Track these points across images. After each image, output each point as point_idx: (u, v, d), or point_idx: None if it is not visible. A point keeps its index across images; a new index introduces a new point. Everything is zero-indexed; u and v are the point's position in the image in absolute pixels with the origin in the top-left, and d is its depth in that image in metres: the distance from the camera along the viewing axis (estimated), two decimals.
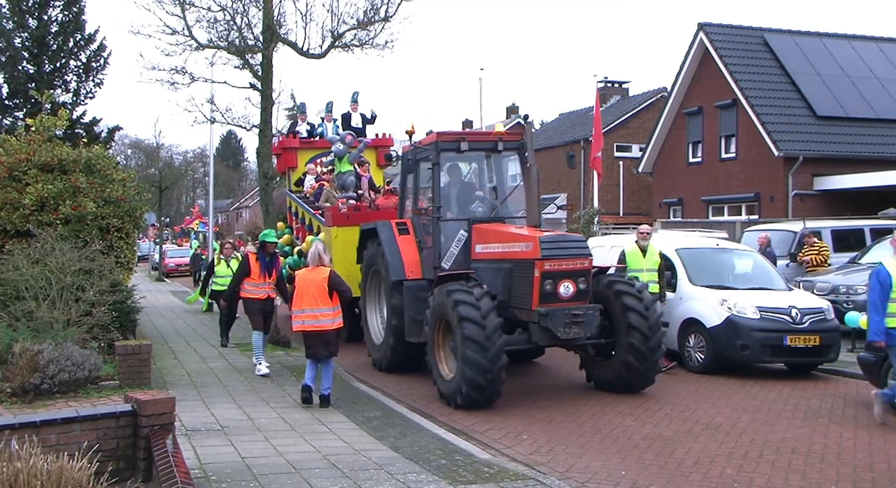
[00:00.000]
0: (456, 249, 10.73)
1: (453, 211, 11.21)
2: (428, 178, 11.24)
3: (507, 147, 11.20)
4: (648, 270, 11.80)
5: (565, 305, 9.33)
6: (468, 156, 11.51)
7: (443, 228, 10.84)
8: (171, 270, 39.18)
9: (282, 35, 14.33)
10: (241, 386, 10.48)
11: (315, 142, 17.96)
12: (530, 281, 9.35)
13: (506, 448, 7.75)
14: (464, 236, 10.71)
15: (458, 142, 10.83)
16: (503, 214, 11.21)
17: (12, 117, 24.54)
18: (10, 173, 12.67)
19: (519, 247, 9.66)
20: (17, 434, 5.61)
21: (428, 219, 11.14)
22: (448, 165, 11.39)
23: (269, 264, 11.43)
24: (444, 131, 11.16)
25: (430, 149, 10.84)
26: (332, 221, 13.89)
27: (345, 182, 15.09)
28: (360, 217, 13.68)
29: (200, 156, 71.85)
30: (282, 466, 6.65)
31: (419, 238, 11.34)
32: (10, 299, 10.58)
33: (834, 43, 27.54)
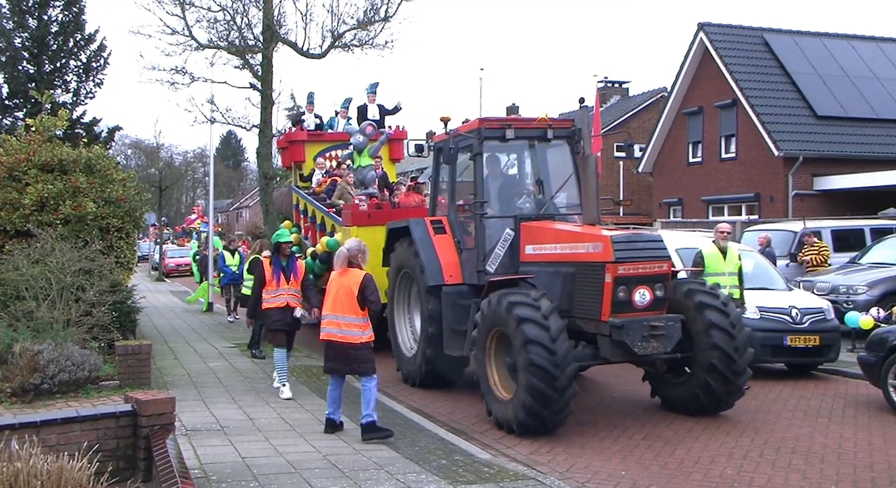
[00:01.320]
0: (501, 250, 9.59)
1: (497, 207, 10.02)
2: (467, 170, 10.15)
3: (557, 135, 10.00)
4: (730, 274, 10.47)
5: (641, 315, 8.18)
6: (512, 146, 10.25)
7: (486, 227, 9.70)
8: (171, 270, 39.17)
9: (282, 35, 14.32)
10: (241, 386, 10.48)
11: (324, 134, 16.98)
12: (599, 287, 8.20)
13: (506, 448, 7.75)
14: (510, 236, 9.55)
15: (503, 130, 9.66)
16: (551, 211, 10.04)
17: (12, 117, 24.57)
18: (10, 173, 12.67)
19: (585, 248, 8.49)
20: (17, 434, 5.61)
21: (468, 217, 10.07)
22: (491, 155, 10.26)
23: (287, 267, 10.05)
24: (487, 117, 9.91)
25: (472, 137, 9.71)
26: (352, 220, 12.83)
27: (365, 177, 14.03)
28: (382, 215, 12.70)
29: (200, 156, 71.92)
30: (282, 466, 6.65)
31: (458, 238, 10.15)
32: (10, 299, 10.58)
33: (834, 43, 27.55)
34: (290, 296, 10.00)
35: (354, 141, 13.97)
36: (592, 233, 8.59)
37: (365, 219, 12.79)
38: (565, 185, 10.17)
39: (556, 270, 8.80)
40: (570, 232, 9.03)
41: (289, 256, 10.21)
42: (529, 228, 9.45)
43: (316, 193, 15.80)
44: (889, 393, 9.05)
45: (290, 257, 10.24)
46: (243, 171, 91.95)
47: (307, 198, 15.75)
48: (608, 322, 8.11)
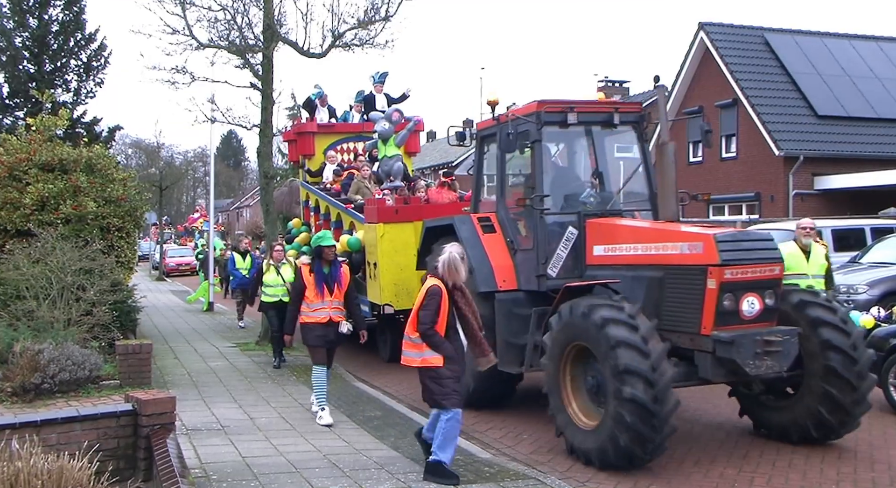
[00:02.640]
0: (564, 252, 8.38)
1: (557, 202, 8.82)
2: (521, 160, 9.13)
3: (624, 120, 8.88)
4: (815, 276, 9.40)
5: (750, 328, 6.93)
6: (573, 132, 9.05)
7: (547, 225, 8.49)
8: (172, 270, 39.20)
9: (282, 34, 14.32)
10: (241, 385, 10.48)
11: (335, 126, 15.96)
12: (699, 295, 6.95)
13: (506, 447, 7.75)
14: (573, 235, 8.37)
15: (565, 113, 8.50)
16: (618, 206, 8.93)
17: (13, 117, 24.57)
18: (11, 173, 12.69)
19: (678, 249, 7.24)
20: (18, 433, 5.62)
21: (521, 214, 8.94)
22: (552, 143, 9.15)
23: (330, 276, 8.60)
24: (546, 99, 8.65)
25: (529, 122, 8.46)
26: (378, 217, 11.58)
27: (391, 168, 12.82)
28: (411, 212, 11.62)
29: (201, 155, 71.87)
30: (282, 466, 6.65)
31: (510, 237, 8.95)
32: (10, 298, 10.60)
33: (834, 42, 27.55)
34: (334, 309, 8.60)
35: (380, 128, 12.82)
36: (689, 232, 7.39)
37: (392, 215, 11.65)
38: (632, 178, 9.09)
39: (637, 275, 7.55)
40: (658, 230, 7.75)
41: (331, 263, 8.70)
42: (598, 226, 8.27)
43: (328, 188, 14.82)
44: (889, 392, 9.04)
45: (333, 264, 8.71)
46: (244, 171, 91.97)
47: (319, 193, 14.74)
48: (711, 336, 6.86)
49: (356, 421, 8.59)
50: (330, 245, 8.72)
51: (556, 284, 8.08)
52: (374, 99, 15.61)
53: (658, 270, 7.41)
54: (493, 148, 9.39)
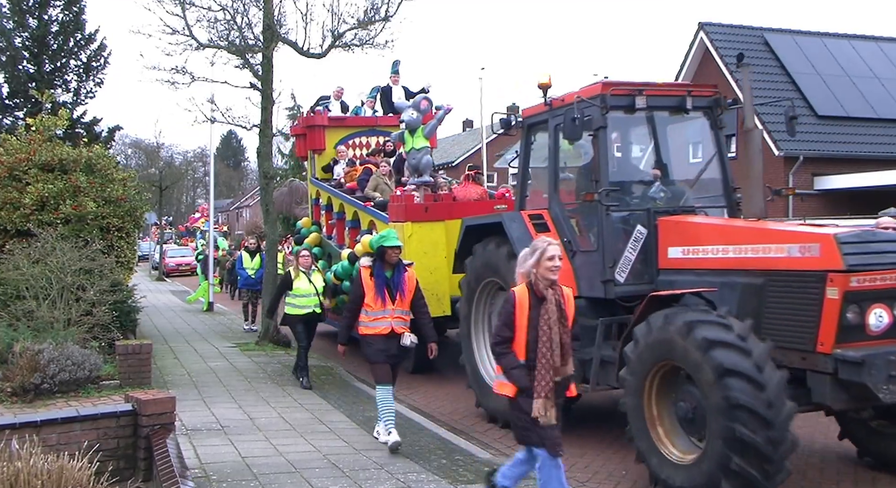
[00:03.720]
0: (632, 254, 7.40)
1: (623, 197, 7.87)
2: (579, 150, 8.22)
3: (697, 105, 7.95)
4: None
5: (880, 345, 5.84)
6: (639, 118, 8.08)
7: (614, 223, 7.51)
8: (172, 270, 39.21)
9: (282, 35, 14.31)
10: (241, 385, 10.48)
11: (347, 119, 15.18)
12: (815, 306, 5.93)
13: (506, 447, 7.75)
14: (642, 234, 7.43)
15: (633, 97, 7.56)
16: (690, 202, 7.99)
17: (12, 117, 24.57)
18: (11, 173, 12.69)
19: (786, 251, 6.20)
20: (18, 433, 5.62)
21: (577, 211, 8.04)
22: (618, 131, 8.12)
23: (393, 282, 7.53)
24: (611, 81, 7.73)
25: (593, 106, 7.47)
26: (405, 215, 10.77)
27: (419, 162, 11.66)
28: (441, 210, 10.90)
29: (201, 155, 71.88)
30: (282, 466, 6.65)
31: (566, 237, 7.95)
32: (10, 299, 10.59)
33: (834, 42, 27.55)
34: (397, 319, 7.51)
35: (407, 118, 11.66)
36: (802, 231, 6.37)
37: (421, 213, 10.80)
38: (706, 170, 8.16)
39: (728, 281, 6.59)
40: (757, 229, 6.71)
41: (395, 266, 7.60)
42: (675, 225, 7.28)
43: (341, 185, 13.99)
44: None
45: (397, 267, 7.61)
46: (243, 171, 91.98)
47: (333, 191, 13.90)
48: (833, 355, 5.80)
49: (356, 421, 8.59)
50: (395, 246, 7.58)
51: (624, 291, 7.31)
52: (390, 91, 14.83)
53: (757, 276, 6.39)
54: (541, 137, 8.51)
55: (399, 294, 7.53)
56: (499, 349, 5.15)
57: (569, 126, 7.20)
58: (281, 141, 37.13)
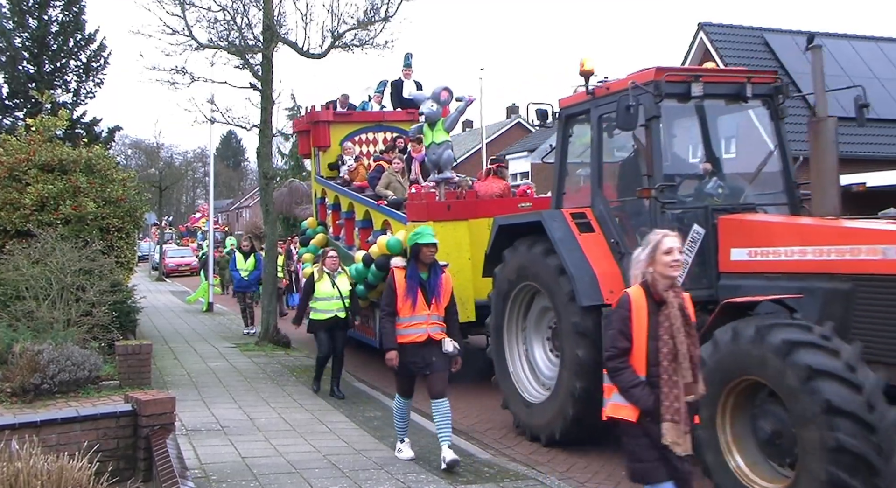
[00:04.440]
0: (689, 255, 6.68)
1: (677, 193, 7.19)
2: (616, 143, 7.69)
3: (757, 93, 7.28)
4: None
5: None
6: (690, 107, 7.37)
7: (669, 221, 6.74)
8: (172, 270, 39.21)
9: (282, 35, 14.32)
10: (241, 386, 10.48)
11: (353, 114, 14.57)
12: None
13: (506, 448, 7.75)
14: (699, 234, 6.77)
15: (689, 84, 6.91)
16: (751, 199, 7.36)
17: (12, 117, 24.56)
18: (11, 173, 12.70)
19: (880, 254, 5.52)
20: (18, 434, 5.62)
21: (627, 208, 7.43)
22: (671, 121, 7.42)
23: (429, 284, 6.88)
24: (665, 66, 7.12)
25: (645, 93, 6.79)
26: (427, 214, 10.04)
27: (440, 157, 10.88)
28: (465, 208, 10.21)
29: (200, 156, 71.88)
30: (282, 466, 6.65)
31: (614, 237, 7.36)
32: (10, 299, 10.59)
33: (834, 43, 27.54)
34: (433, 325, 6.85)
35: (427, 110, 10.82)
36: None
37: (443, 212, 10.05)
38: (766, 164, 7.52)
39: (809, 286, 5.91)
40: (842, 229, 6.05)
41: (430, 267, 6.94)
42: (739, 224, 6.63)
43: (348, 182, 13.34)
44: None
45: (433, 269, 6.95)
46: (243, 171, 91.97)
47: (341, 189, 13.26)
48: None
49: (356, 421, 8.59)
50: (431, 243, 6.88)
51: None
52: (401, 85, 14.29)
53: (843, 281, 5.74)
54: (579, 129, 7.97)
55: (435, 298, 6.84)
56: (614, 364, 4.25)
57: (622, 115, 6.56)
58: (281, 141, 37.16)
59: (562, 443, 7.57)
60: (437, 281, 6.93)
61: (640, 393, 4.18)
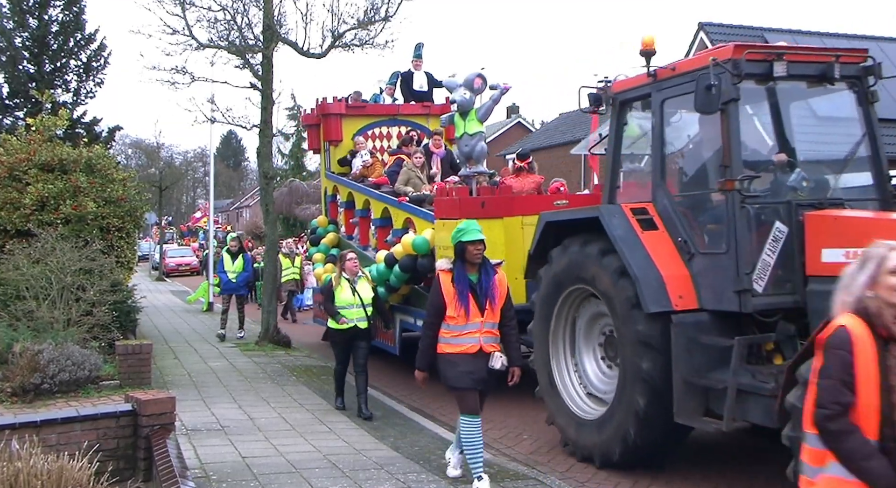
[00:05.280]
0: (771, 256, 6.03)
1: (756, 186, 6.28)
2: (689, 129, 7.02)
3: (845, 74, 6.45)
4: None
5: None
6: (769, 89, 6.65)
7: (750, 217, 6.08)
8: (172, 270, 39.23)
9: (282, 35, 14.32)
10: (241, 386, 10.48)
11: (366, 107, 13.94)
12: None
13: (506, 447, 7.75)
14: (782, 233, 6.05)
15: (771, 63, 6.17)
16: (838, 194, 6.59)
17: (13, 117, 24.58)
18: (11, 173, 12.70)
19: None
20: (18, 433, 5.62)
21: (690, 204, 6.76)
22: (751, 104, 6.67)
23: (480, 286, 6.05)
24: (745, 43, 6.41)
25: (722, 72, 6.02)
26: (461, 212, 9.10)
27: (473, 149, 10.01)
28: (501, 205, 9.39)
29: (201, 155, 71.98)
30: (282, 466, 6.65)
31: (682, 236, 6.58)
32: (10, 299, 10.59)
33: (834, 42, 27.51)
34: (486, 335, 6.05)
35: (459, 98, 10.00)
36: None
37: (477, 209, 9.14)
38: (854, 154, 6.70)
39: None
40: None
41: (481, 267, 6.09)
42: (832, 222, 5.90)
43: (362, 179, 12.71)
44: None
45: (484, 269, 6.09)
46: (243, 171, 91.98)
47: (356, 185, 12.60)
48: None
49: (356, 421, 8.59)
50: (477, 240, 6.03)
51: (765, 303, 5.98)
52: (412, 77, 13.86)
53: None
54: (635, 116, 7.35)
55: (489, 302, 6.00)
56: (836, 425, 3.12)
57: (702, 96, 5.93)
58: (281, 141, 37.21)
59: (619, 467, 6.77)
60: (490, 282, 6.04)
61: (876, 467, 3.03)
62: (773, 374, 5.74)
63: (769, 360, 6.07)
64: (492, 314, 6.04)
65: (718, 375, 5.99)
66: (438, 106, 13.83)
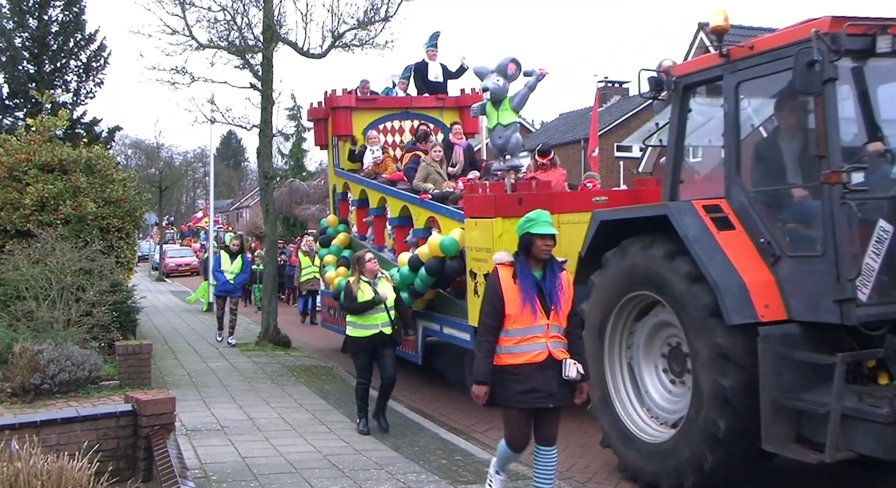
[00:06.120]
0: (875, 260, 5.34)
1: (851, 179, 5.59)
2: (760, 116, 6.35)
3: None
4: None
5: None
6: (872, 70, 5.76)
7: (853, 214, 5.32)
8: (172, 270, 39.23)
9: (282, 35, 14.33)
10: (241, 386, 10.48)
11: (378, 99, 13.29)
12: None
13: None
14: (886, 233, 5.38)
15: (874, 37, 5.41)
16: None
17: (13, 117, 24.57)
18: (11, 173, 12.70)
19: None
20: (18, 434, 5.62)
21: (773, 200, 5.99)
22: (849, 84, 5.79)
23: (546, 285, 5.14)
24: (843, 16, 5.47)
25: (815, 47, 5.23)
26: (495, 209, 8.36)
27: (507, 141, 9.09)
28: (539, 202, 7.80)
29: (201, 156, 71.97)
30: (282, 466, 6.65)
31: (765, 237, 5.83)
32: (10, 299, 10.59)
33: None
34: (553, 340, 5.10)
35: (491, 85, 9.07)
36: None
37: (514, 206, 8.20)
38: None
39: None
40: None
41: (546, 264, 5.20)
42: None
43: (376, 176, 12.02)
44: None
45: (550, 265, 5.21)
46: (243, 171, 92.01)
47: (371, 182, 11.88)
48: None
49: (356, 421, 8.58)
50: (549, 234, 5.12)
51: (871, 314, 5.28)
52: (426, 68, 13.20)
53: None
54: (700, 102, 6.71)
55: (555, 304, 5.12)
56: None
57: (802, 74, 5.18)
58: (281, 141, 37.20)
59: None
60: (556, 282, 5.17)
61: None
62: (886, 397, 4.98)
63: (872, 380, 5.36)
64: (557, 317, 5.16)
65: (815, 397, 5.24)
66: (454, 98, 13.28)
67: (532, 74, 9.32)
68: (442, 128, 12.92)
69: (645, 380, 6.74)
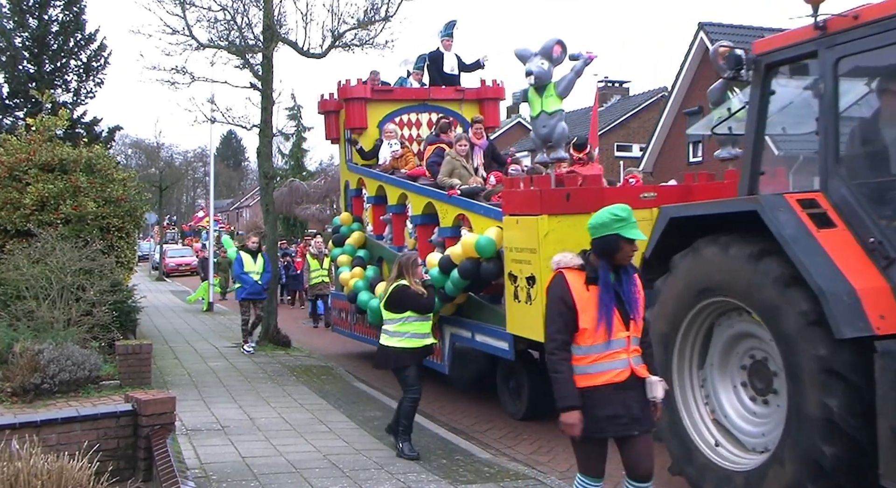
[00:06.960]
0: None
1: None
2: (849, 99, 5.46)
3: None
4: None
5: None
6: None
7: None
8: (172, 270, 39.23)
9: (282, 35, 14.34)
10: (241, 386, 10.48)
11: (394, 91, 12.56)
12: None
13: (506, 447, 7.75)
14: None
15: None
16: None
17: (13, 117, 24.59)
18: (11, 173, 12.70)
19: None
20: (18, 433, 5.63)
21: (878, 194, 5.19)
22: None
23: (625, 292, 4.43)
24: None
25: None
26: (541, 206, 7.59)
27: (553, 131, 8.12)
28: (589, 198, 7.44)
29: (201, 155, 72.00)
30: (282, 466, 6.65)
31: (875, 236, 5.02)
32: (10, 299, 10.59)
33: None
34: (634, 354, 4.43)
35: (536, 69, 8.08)
36: None
37: (562, 202, 7.57)
38: None
39: None
40: None
41: (621, 270, 4.47)
42: None
43: (395, 171, 11.33)
44: None
45: (625, 272, 4.49)
46: (244, 171, 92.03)
47: (390, 178, 11.16)
48: None
49: (356, 421, 8.59)
50: (631, 237, 4.37)
51: None
52: (441, 58, 12.68)
53: None
54: (786, 84, 5.93)
55: (634, 314, 4.44)
56: None
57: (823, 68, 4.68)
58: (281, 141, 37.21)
59: None
60: (632, 288, 4.47)
61: None
62: None
63: None
64: (637, 328, 4.47)
65: None
66: (473, 90, 12.61)
67: (579, 58, 8.32)
68: (461, 122, 12.21)
69: (721, 398, 5.89)
